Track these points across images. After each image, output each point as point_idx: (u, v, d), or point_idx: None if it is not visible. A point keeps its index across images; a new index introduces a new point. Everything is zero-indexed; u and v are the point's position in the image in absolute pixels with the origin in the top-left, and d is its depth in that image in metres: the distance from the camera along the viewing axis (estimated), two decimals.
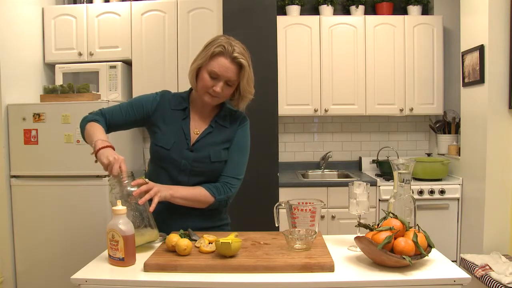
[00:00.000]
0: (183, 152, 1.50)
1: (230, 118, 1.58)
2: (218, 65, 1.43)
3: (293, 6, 3.34)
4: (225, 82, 1.45)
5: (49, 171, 2.73)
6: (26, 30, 2.97)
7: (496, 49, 2.57)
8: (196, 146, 1.52)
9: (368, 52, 3.24)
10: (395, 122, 3.60)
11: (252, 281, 1.13)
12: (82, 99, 2.80)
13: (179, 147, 1.51)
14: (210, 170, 1.53)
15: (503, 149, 2.59)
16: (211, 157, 1.51)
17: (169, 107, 1.56)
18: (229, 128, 1.57)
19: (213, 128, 1.55)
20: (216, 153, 1.52)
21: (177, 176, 1.52)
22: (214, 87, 1.44)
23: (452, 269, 1.19)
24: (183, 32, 3.09)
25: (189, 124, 1.54)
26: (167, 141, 1.51)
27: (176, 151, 1.50)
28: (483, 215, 2.64)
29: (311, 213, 1.36)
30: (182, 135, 1.52)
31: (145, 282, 1.15)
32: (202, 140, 1.53)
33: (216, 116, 1.57)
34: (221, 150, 1.54)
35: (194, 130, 1.55)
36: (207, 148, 1.52)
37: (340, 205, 2.92)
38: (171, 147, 1.50)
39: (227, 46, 1.43)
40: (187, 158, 1.50)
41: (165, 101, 1.56)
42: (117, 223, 1.23)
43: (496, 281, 2.14)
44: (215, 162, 1.52)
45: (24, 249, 2.76)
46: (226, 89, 1.47)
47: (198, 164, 1.51)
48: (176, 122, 1.54)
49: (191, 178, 1.52)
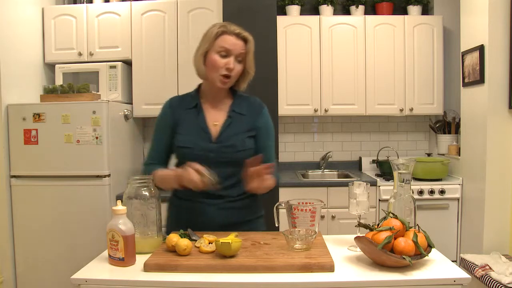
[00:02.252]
0: (206, 146, 1.52)
1: (246, 105, 1.60)
2: (225, 41, 1.47)
3: (293, 6, 3.34)
4: (235, 58, 1.48)
5: (49, 171, 2.73)
6: (26, 30, 2.97)
7: (496, 49, 2.57)
8: (220, 138, 1.53)
9: (368, 52, 3.24)
10: (395, 122, 3.60)
11: (252, 281, 1.13)
12: (82, 99, 2.80)
13: (201, 142, 1.52)
14: (237, 159, 1.52)
15: (503, 149, 2.59)
16: (237, 146, 1.52)
17: (182, 109, 1.58)
18: (247, 115, 1.58)
19: (231, 118, 1.56)
20: (241, 142, 1.53)
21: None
22: (227, 65, 1.47)
23: (452, 269, 1.19)
24: (183, 32, 3.09)
25: (205, 118, 1.56)
26: (188, 140, 1.53)
27: (199, 146, 1.52)
28: (483, 215, 2.64)
29: (311, 213, 1.36)
30: (201, 130, 1.54)
31: (145, 282, 1.15)
32: (225, 131, 1.54)
33: (232, 105, 1.58)
34: (246, 138, 1.54)
35: (212, 123, 1.56)
36: (232, 138, 1.53)
37: (340, 205, 2.92)
38: (193, 144, 1.52)
39: (228, 26, 1.49)
40: (212, 151, 1.51)
41: (176, 106, 1.60)
42: (117, 223, 1.23)
43: (496, 281, 2.14)
44: (241, 150, 1.53)
45: (24, 249, 2.76)
46: (237, 65, 1.50)
47: (224, 154, 1.52)
48: (191, 120, 1.56)
49: (223, 169, 1.51)
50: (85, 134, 2.69)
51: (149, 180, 1.39)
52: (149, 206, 1.35)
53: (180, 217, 1.58)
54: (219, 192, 1.50)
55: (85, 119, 2.69)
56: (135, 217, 1.33)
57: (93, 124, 2.69)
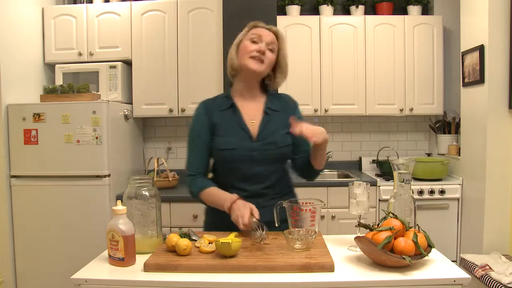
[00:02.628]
0: (249, 146, 1.52)
1: (279, 101, 1.63)
2: (257, 31, 1.54)
3: (293, 6, 3.34)
4: (266, 46, 1.51)
5: (49, 171, 2.73)
6: (26, 30, 2.97)
7: (496, 49, 2.57)
8: (260, 136, 1.54)
9: (368, 52, 3.24)
10: (395, 122, 3.60)
11: (252, 281, 1.13)
12: (82, 99, 2.80)
13: (242, 142, 1.53)
14: (279, 156, 1.56)
15: (503, 149, 2.59)
16: (278, 142, 1.54)
17: (217, 111, 1.58)
18: (282, 111, 1.60)
19: (269, 115, 1.58)
20: (281, 138, 1.55)
21: (253, 169, 1.53)
22: (258, 47, 1.50)
23: (452, 269, 1.19)
24: (183, 32, 3.09)
25: (242, 118, 1.56)
26: (229, 142, 1.53)
27: (241, 147, 1.52)
28: (483, 215, 2.64)
29: (311, 213, 1.36)
30: (240, 130, 1.54)
31: (145, 282, 1.15)
32: (265, 129, 1.55)
33: (266, 103, 1.60)
34: (285, 134, 1.56)
35: (249, 121, 1.56)
36: (272, 135, 1.55)
37: (340, 205, 2.92)
38: (235, 145, 1.52)
39: (259, 23, 1.56)
40: (255, 150, 1.52)
41: (210, 108, 1.60)
42: (117, 223, 1.23)
43: (496, 281, 2.14)
44: (282, 147, 1.55)
45: (24, 249, 2.76)
46: (268, 53, 1.52)
47: (267, 152, 1.53)
48: (228, 121, 1.56)
49: (266, 167, 1.54)
50: (85, 134, 2.69)
51: (149, 180, 1.39)
52: (149, 206, 1.35)
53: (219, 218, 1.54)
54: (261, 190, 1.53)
55: (85, 119, 2.69)
56: (135, 217, 1.33)
57: (93, 124, 2.69)
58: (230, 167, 1.55)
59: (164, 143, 3.50)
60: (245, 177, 1.53)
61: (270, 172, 1.55)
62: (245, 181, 1.54)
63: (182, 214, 2.76)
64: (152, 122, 3.51)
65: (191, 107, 3.10)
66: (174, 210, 2.78)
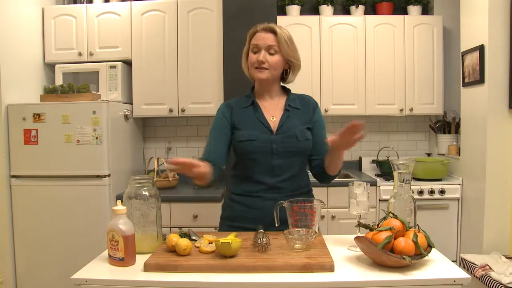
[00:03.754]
0: (269, 138, 1.58)
1: (300, 100, 1.68)
2: (255, 39, 1.59)
3: (293, 6, 3.34)
4: (266, 51, 1.57)
5: (49, 171, 2.73)
6: (26, 30, 2.97)
7: (496, 49, 2.57)
8: (280, 130, 1.59)
9: (368, 52, 3.24)
10: (395, 122, 3.60)
11: (252, 281, 1.13)
12: (82, 99, 2.80)
13: (263, 134, 1.58)
14: (299, 149, 1.60)
15: (503, 149, 2.59)
16: (297, 136, 1.58)
17: (239, 108, 1.65)
18: (302, 109, 1.65)
19: (289, 111, 1.63)
20: (301, 132, 1.60)
21: (272, 161, 1.57)
22: (257, 57, 1.56)
23: (452, 269, 1.19)
24: (183, 32, 3.09)
25: (263, 114, 1.62)
26: (250, 134, 1.58)
27: (261, 139, 1.57)
28: (483, 215, 2.64)
29: (311, 213, 1.36)
30: (260, 124, 1.60)
31: (145, 282, 1.15)
32: (284, 123, 1.60)
33: (287, 101, 1.66)
34: (305, 129, 1.61)
35: (270, 118, 1.62)
36: (291, 129, 1.59)
37: (340, 205, 2.92)
38: (255, 137, 1.57)
39: (259, 25, 1.61)
40: (275, 142, 1.57)
41: (232, 106, 1.67)
42: (117, 223, 1.23)
43: (496, 281, 2.14)
44: (302, 140, 1.59)
45: (24, 249, 2.76)
46: (270, 57, 1.57)
47: (287, 144, 1.57)
48: (250, 116, 1.62)
49: (285, 160, 1.58)
50: (85, 134, 2.69)
51: (149, 180, 1.39)
52: (149, 206, 1.35)
53: (243, 214, 1.60)
54: (279, 184, 1.57)
55: (85, 119, 2.69)
56: (135, 217, 1.33)
57: (93, 124, 2.69)
58: (249, 159, 1.60)
59: (164, 143, 3.50)
60: (264, 170, 1.58)
61: (288, 165, 1.59)
62: (263, 174, 1.58)
63: (182, 214, 2.76)
64: (152, 122, 3.51)
65: (191, 107, 3.10)
66: (174, 210, 2.78)
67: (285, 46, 1.58)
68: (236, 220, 1.62)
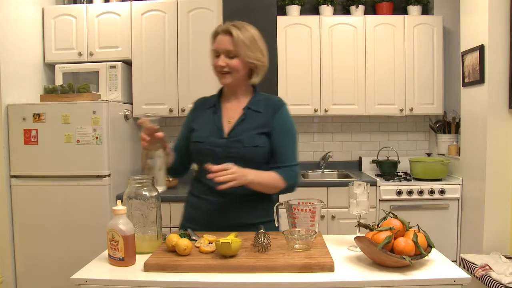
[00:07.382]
0: (216, 141, 1.55)
1: (264, 103, 1.60)
2: (216, 42, 1.56)
3: (293, 6, 3.34)
4: (225, 54, 1.52)
5: (49, 171, 2.73)
6: (26, 30, 2.97)
7: (496, 49, 2.57)
8: (231, 134, 1.55)
9: (368, 52, 3.24)
10: (395, 122, 3.60)
11: (252, 281, 1.13)
12: (82, 99, 2.80)
13: (212, 137, 1.56)
14: (245, 156, 1.51)
15: (503, 149, 2.59)
16: (243, 141, 1.52)
17: (202, 109, 1.66)
18: (263, 112, 1.57)
19: (246, 114, 1.57)
20: (249, 138, 1.52)
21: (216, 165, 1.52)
22: (216, 62, 1.54)
23: (452, 269, 1.19)
24: (183, 32, 3.09)
25: (221, 116, 1.60)
26: (200, 136, 1.58)
27: (210, 141, 1.56)
28: (483, 215, 2.64)
29: (311, 213, 1.36)
30: (214, 127, 1.58)
31: (145, 282, 1.15)
32: (236, 127, 1.56)
33: (248, 103, 1.60)
34: (255, 135, 1.53)
35: (227, 120, 1.59)
36: (241, 134, 1.54)
37: (340, 205, 2.92)
38: (204, 139, 1.56)
39: (220, 26, 1.57)
40: (220, 146, 1.54)
41: (199, 105, 1.69)
42: (117, 223, 1.23)
43: (496, 281, 2.14)
44: (248, 146, 1.52)
45: (24, 249, 2.76)
46: (229, 61, 1.53)
47: (231, 150, 1.52)
48: (208, 118, 1.62)
49: None
50: (85, 134, 2.69)
51: (149, 180, 1.38)
52: (149, 206, 1.35)
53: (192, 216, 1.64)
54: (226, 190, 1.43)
55: (85, 119, 2.69)
56: (135, 217, 1.33)
57: (93, 124, 2.69)
58: (198, 160, 1.61)
59: None
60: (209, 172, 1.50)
61: None
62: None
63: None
64: None
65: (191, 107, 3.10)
66: (174, 210, 2.78)
67: (243, 49, 1.50)
68: (189, 221, 1.63)
